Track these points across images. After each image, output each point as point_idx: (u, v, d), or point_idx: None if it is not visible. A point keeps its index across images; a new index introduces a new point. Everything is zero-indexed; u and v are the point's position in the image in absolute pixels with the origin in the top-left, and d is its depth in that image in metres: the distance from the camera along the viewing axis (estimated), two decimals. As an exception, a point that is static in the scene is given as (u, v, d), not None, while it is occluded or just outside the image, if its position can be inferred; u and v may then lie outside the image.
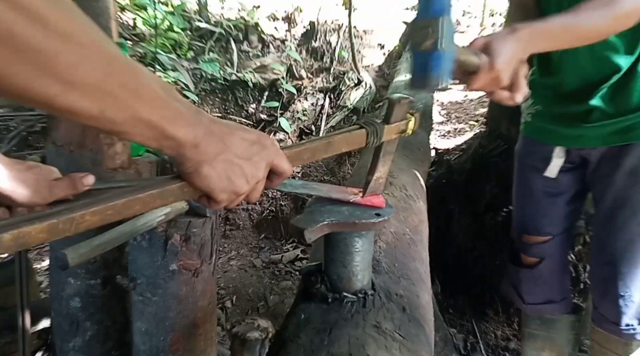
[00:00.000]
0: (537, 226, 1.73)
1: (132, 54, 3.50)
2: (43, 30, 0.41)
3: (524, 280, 1.80)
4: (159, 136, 0.53)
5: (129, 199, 0.56)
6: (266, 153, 0.65)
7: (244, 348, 1.00)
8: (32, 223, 0.49)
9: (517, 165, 1.78)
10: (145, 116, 0.51)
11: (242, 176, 0.62)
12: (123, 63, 0.48)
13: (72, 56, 0.43)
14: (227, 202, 0.64)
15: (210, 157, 0.58)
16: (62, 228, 0.51)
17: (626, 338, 1.59)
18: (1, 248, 0.47)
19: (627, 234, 1.51)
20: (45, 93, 0.44)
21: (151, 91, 0.51)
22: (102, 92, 0.47)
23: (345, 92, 4.07)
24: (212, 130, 0.58)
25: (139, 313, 1.19)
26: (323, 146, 0.78)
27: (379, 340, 0.86)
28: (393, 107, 0.89)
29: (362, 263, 0.98)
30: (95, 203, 0.54)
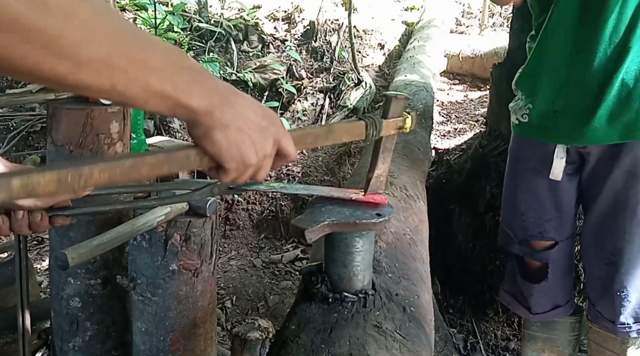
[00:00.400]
0: (541, 231, 1.69)
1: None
2: (45, 12, 0.41)
3: (536, 294, 1.76)
4: (173, 105, 0.53)
5: (136, 161, 0.56)
6: (275, 130, 0.65)
7: (245, 348, 1.00)
8: (42, 172, 0.49)
9: (514, 168, 1.72)
10: (157, 87, 0.51)
11: (251, 146, 0.62)
12: (130, 36, 0.48)
13: (76, 34, 0.43)
14: (236, 173, 0.63)
15: (223, 124, 0.58)
16: (71, 180, 0.51)
17: (621, 336, 1.59)
18: (10, 192, 0.47)
19: (626, 235, 1.51)
20: (54, 72, 0.44)
21: (162, 61, 0.51)
22: (111, 67, 0.47)
23: (345, 92, 4.07)
24: (227, 98, 0.58)
25: (139, 313, 1.19)
26: (324, 133, 0.80)
27: (380, 340, 0.86)
28: (390, 103, 0.91)
29: (362, 263, 0.98)
30: (103, 160, 0.54)
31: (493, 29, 5.92)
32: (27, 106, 3.21)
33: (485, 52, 4.79)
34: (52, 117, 1.27)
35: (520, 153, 1.69)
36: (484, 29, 5.81)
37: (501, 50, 4.34)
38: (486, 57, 4.71)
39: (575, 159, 1.59)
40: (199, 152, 0.60)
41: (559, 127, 1.53)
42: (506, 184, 1.78)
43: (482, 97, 4.57)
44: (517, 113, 1.65)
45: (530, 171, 1.66)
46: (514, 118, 1.66)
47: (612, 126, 1.45)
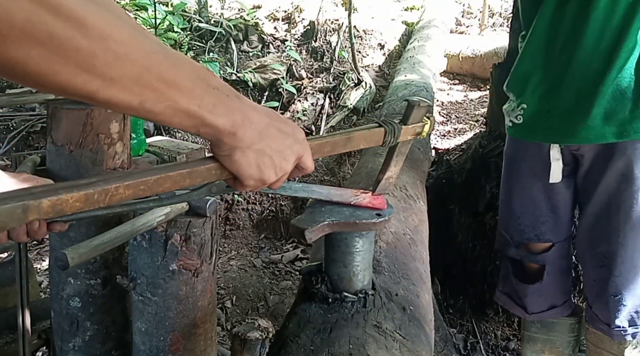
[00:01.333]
0: (537, 233, 1.69)
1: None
2: (81, 32, 0.42)
3: (530, 295, 1.76)
4: (198, 123, 0.55)
5: (160, 176, 0.58)
6: (297, 147, 0.66)
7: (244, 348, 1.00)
8: (70, 191, 0.50)
9: (510, 170, 1.72)
10: (184, 105, 0.52)
11: (272, 167, 0.63)
12: (161, 55, 0.49)
13: (110, 54, 0.45)
14: (253, 188, 0.65)
15: (246, 145, 0.59)
16: (97, 198, 0.52)
17: (617, 338, 1.59)
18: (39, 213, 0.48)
19: (620, 238, 1.51)
20: (86, 89, 0.45)
21: (190, 81, 0.52)
22: (141, 85, 0.48)
23: (345, 92, 4.07)
24: (250, 118, 0.59)
25: (139, 313, 1.19)
26: (343, 141, 0.80)
27: (380, 339, 0.86)
28: (412, 109, 0.91)
29: (362, 263, 0.98)
30: (129, 177, 0.56)
31: (493, 29, 5.92)
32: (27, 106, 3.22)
33: (485, 52, 4.79)
34: (52, 117, 1.27)
35: (515, 156, 1.69)
36: (484, 29, 5.81)
37: (501, 50, 4.34)
38: (486, 57, 4.71)
39: (570, 161, 1.59)
40: (219, 167, 0.62)
41: (552, 127, 1.52)
42: (502, 188, 1.78)
43: (482, 97, 4.57)
44: (510, 115, 1.64)
45: (525, 173, 1.65)
46: (507, 120, 1.66)
47: (606, 125, 1.44)
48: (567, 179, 1.60)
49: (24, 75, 0.42)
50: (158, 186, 0.58)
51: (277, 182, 0.67)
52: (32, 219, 0.48)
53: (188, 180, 0.61)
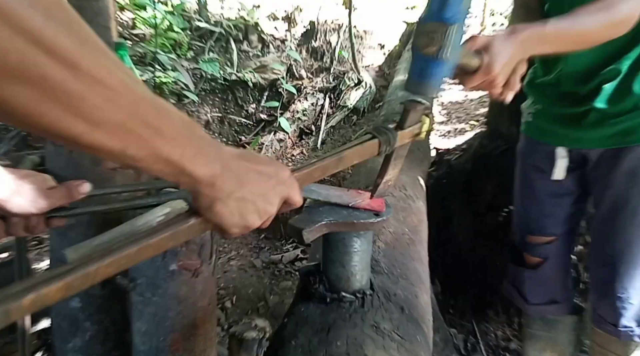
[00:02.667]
0: (540, 226, 1.72)
1: (132, 54, 3.50)
2: (74, 74, 0.42)
3: (527, 281, 1.79)
4: (178, 172, 0.54)
5: (141, 247, 0.58)
6: (281, 188, 0.66)
7: (242, 347, 1.00)
8: (49, 284, 0.50)
9: (520, 165, 1.77)
10: (165, 153, 0.52)
11: (255, 212, 0.63)
12: (148, 102, 0.50)
13: (99, 98, 0.45)
14: (238, 234, 0.65)
15: (225, 194, 0.59)
16: (78, 284, 0.52)
17: (624, 339, 1.58)
18: (20, 312, 0.48)
19: (626, 236, 1.51)
20: (70, 131, 0.45)
21: (173, 129, 0.52)
22: (126, 131, 0.48)
23: (345, 92, 4.07)
24: (230, 167, 0.59)
25: (139, 313, 1.19)
26: (334, 163, 0.77)
27: (377, 340, 0.86)
28: (408, 113, 0.88)
29: (360, 263, 0.98)
30: (108, 255, 0.55)
31: (493, 29, 5.92)
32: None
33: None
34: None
35: (525, 151, 1.73)
36: (484, 28, 5.81)
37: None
38: (486, 57, 4.70)
39: (576, 159, 1.60)
40: (202, 222, 0.61)
41: (558, 132, 1.56)
42: (515, 182, 1.82)
43: (483, 97, 4.57)
44: (525, 112, 1.70)
45: (532, 168, 1.69)
46: (522, 116, 1.71)
47: (612, 131, 1.46)
48: (573, 174, 1.62)
49: (8, 113, 0.41)
50: (140, 256, 0.58)
51: (263, 224, 0.67)
52: (16, 319, 0.48)
53: (171, 243, 0.60)
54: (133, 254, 0.57)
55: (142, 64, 3.61)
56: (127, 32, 4.00)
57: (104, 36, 1.82)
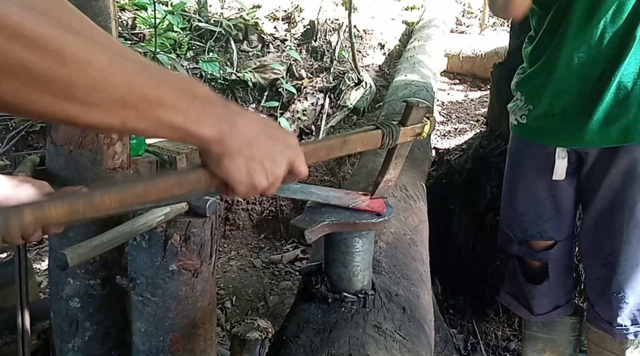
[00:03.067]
0: (539, 230, 1.70)
1: (132, 54, 3.49)
2: (59, 63, 0.41)
3: (538, 296, 1.76)
4: (183, 135, 0.54)
5: (148, 185, 0.57)
6: (289, 153, 0.66)
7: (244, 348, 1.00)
8: (54, 203, 0.50)
9: (513, 168, 1.72)
10: (168, 120, 0.52)
11: (262, 172, 0.63)
12: (143, 76, 0.49)
13: (89, 81, 0.44)
14: (245, 194, 0.65)
15: (234, 151, 0.59)
16: (82, 210, 0.52)
17: (619, 338, 1.59)
18: (22, 224, 0.48)
19: (623, 236, 1.50)
20: (65, 114, 0.45)
21: (174, 96, 0.52)
22: (122, 107, 0.47)
23: (345, 92, 4.07)
24: (238, 126, 0.59)
25: (139, 313, 1.18)
26: (339, 145, 0.78)
27: (379, 340, 0.86)
28: (411, 110, 0.89)
29: (362, 263, 0.98)
30: (115, 187, 0.55)
31: (493, 29, 5.92)
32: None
33: (486, 51, 4.78)
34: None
35: (519, 154, 1.69)
36: (485, 28, 5.81)
37: (502, 50, 4.34)
38: (486, 57, 4.70)
39: (574, 160, 1.59)
40: (209, 174, 0.61)
41: (557, 130, 1.53)
42: (505, 185, 1.78)
43: (483, 97, 4.56)
44: (516, 114, 1.65)
45: (529, 171, 1.66)
46: (512, 119, 1.66)
47: (610, 129, 1.45)
48: (571, 177, 1.61)
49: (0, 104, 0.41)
50: (146, 196, 0.57)
51: (269, 187, 0.66)
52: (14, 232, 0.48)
53: (177, 189, 0.60)
54: (139, 192, 0.56)
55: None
56: (127, 32, 3.99)
57: (103, 35, 1.82)
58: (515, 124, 1.66)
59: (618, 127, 1.44)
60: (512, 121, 1.67)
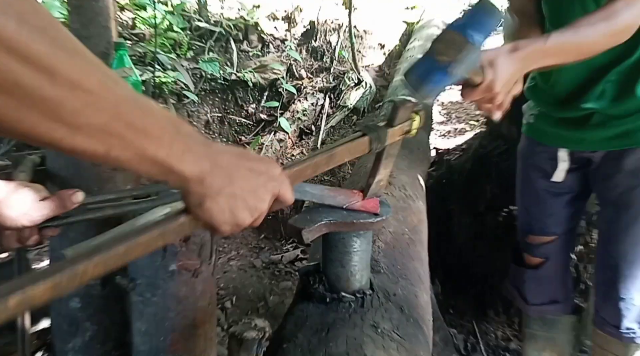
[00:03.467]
0: (542, 226, 1.72)
1: (131, 54, 3.50)
2: (50, 80, 0.41)
3: (528, 281, 1.78)
4: (165, 171, 0.54)
5: (130, 245, 0.57)
6: (272, 185, 0.65)
7: (241, 347, 1.00)
8: (36, 284, 0.49)
9: (521, 165, 1.77)
10: (151, 153, 0.51)
11: (245, 209, 0.62)
12: (131, 103, 0.48)
13: (78, 102, 0.43)
14: (229, 232, 0.64)
15: (215, 191, 0.58)
16: (65, 285, 0.51)
17: (626, 341, 1.58)
18: (7, 313, 0.47)
19: (630, 237, 1.50)
20: (49, 136, 0.44)
21: (159, 129, 0.51)
22: (108, 134, 0.47)
23: (345, 92, 4.07)
24: (219, 163, 0.58)
25: (139, 313, 1.19)
26: (325, 160, 0.77)
27: (377, 339, 0.86)
28: (397, 111, 0.88)
29: (360, 263, 0.98)
30: (97, 254, 0.54)
31: (493, 29, 5.91)
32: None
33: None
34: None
35: (526, 152, 1.73)
36: (484, 28, 5.80)
37: (501, 50, 4.33)
38: (486, 57, 4.70)
39: (579, 160, 1.60)
40: (192, 219, 0.60)
41: (561, 134, 1.56)
42: (517, 183, 1.82)
43: (482, 97, 4.56)
44: (526, 114, 1.70)
45: (533, 168, 1.69)
46: (524, 118, 1.71)
47: (611, 133, 1.46)
48: (574, 174, 1.62)
49: None
50: (129, 256, 0.57)
51: (254, 222, 0.65)
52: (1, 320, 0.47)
53: (161, 241, 0.59)
54: (121, 253, 0.56)
55: (142, 64, 3.61)
56: (127, 32, 4.00)
57: (104, 36, 1.82)
58: (525, 123, 1.71)
59: (619, 132, 1.45)
60: (524, 120, 1.73)
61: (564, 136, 1.56)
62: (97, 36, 1.80)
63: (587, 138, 1.50)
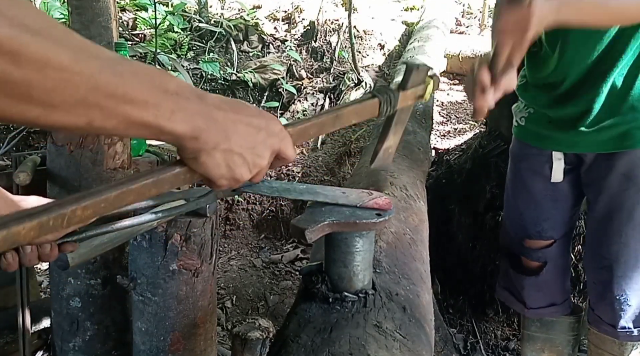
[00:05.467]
0: (539, 230, 1.70)
1: (132, 54, 3.50)
2: (15, 63, 0.40)
3: (527, 287, 1.76)
4: (156, 133, 0.52)
5: (122, 191, 0.54)
6: (272, 141, 0.63)
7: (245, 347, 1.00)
8: (21, 222, 0.47)
9: (513, 168, 1.74)
10: (137, 118, 0.49)
11: (243, 164, 0.60)
12: (109, 72, 0.46)
13: (49, 82, 0.42)
14: (228, 187, 0.62)
15: (211, 146, 0.56)
16: (53, 224, 0.49)
17: (622, 339, 1.59)
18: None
19: (622, 238, 1.51)
20: (24, 116, 0.43)
21: (143, 92, 0.50)
22: (87, 106, 0.45)
23: (345, 92, 4.07)
24: (215, 118, 0.56)
25: (139, 313, 1.19)
26: (331, 120, 0.73)
27: (380, 339, 0.86)
28: (410, 73, 0.84)
29: (362, 262, 0.98)
30: (87, 197, 0.52)
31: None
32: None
33: (485, 52, 4.78)
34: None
35: (519, 155, 1.71)
36: (484, 29, 5.81)
37: (501, 51, 4.33)
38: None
39: (572, 160, 1.60)
40: (187, 170, 0.59)
41: (553, 136, 1.55)
42: (507, 184, 1.80)
43: (482, 97, 4.56)
44: (517, 115, 1.68)
45: (527, 171, 1.67)
46: (514, 120, 1.69)
47: (604, 136, 1.46)
48: (569, 176, 1.62)
49: None
50: (121, 202, 0.55)
51: (254, 177, 0.64)
52: None
53: (154, 190, 0.57)
54: (112, 198, 0.53)
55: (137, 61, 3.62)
56: (127, 32, 4.00)
57: (104, 36, 1.83)
58: (516, 125, 1.68)
59: (612, 135, 1.45)
60: (514, 122, 1.70)
61: (557, 138, 1.55)
62: (98, 36, 1.80)
63: (580, 141, 1.49)
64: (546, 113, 1.55)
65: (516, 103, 1.69)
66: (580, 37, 1.40)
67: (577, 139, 1.50)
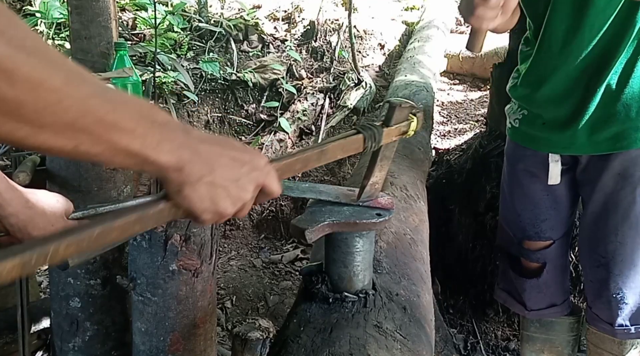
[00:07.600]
0: (537, 231, 1.70)
1: (132, 54, 3.49)
2: (9, 82, 0.40)
3: (528, 290, 1.76)
4: (141, 162, 0.52)
5: (104, 228, 0.54)
6: (256, 175, 0.63)
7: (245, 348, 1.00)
8: (4, 260, 0.47)
9: (509, 169, 1.74)
10: (124, 146, 0.50)
11: (227, 198, 0.60)
12: (99, 98, 0.47)
13: (41, 102, 0.42)
14: (212, 221, 0.62)
15: (194, 179, 0.57)
16: (35, 262, 0.49)
17: (620, 337, 1.59)
18: None
19: (618, 237, 1.51)
20: (12, 135, 0.43)
21: (132, 121, 0.50)
22: (76, 130, 0.46)
23: (345, 92, 4.07)
24: (199, 151, 0.57)
25: (139, 313, 1.19)
26: (316, 155, 0.74)
27: (380, 339, 0.86)
28: (393, 111, 0.87)
29: (363, 263, 0.98)
30: (69, 234, 0.52)
31: (493, 29, 5.91)
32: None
33: (486, 52, 4.78)
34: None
35: (514, 157, 1.70)
36: (484, 29, 5.80)
37: (501, 50, 4.33)
38: (486, 57, 4.70)
39: (568, 161, 1.60)
40: (172, 206, 0.59)
41: (547, 138, 1.55)
42: (502, 185, 1.80)
43: (482, 97, 4.56)
44: (510, 117, 1.67)
45: (524, 174, 1.67)
46: (508, 122, 1.69)
47: (599, 137, 1.46)
48: (566, 177, 1.61)
49: None
50: (104, 239, 0.55)
51: (238, 212, 0.64)
52: None
53: (138, 227, 0.58)
54: (95, 236, 0.53)
55: (142, 64, 3.61)
56: (127, 32, 4.00)
57: (104, 36, 1.82)
58: (510, 127, 1.68)
59: (607, 136, 1.45)
60: (507, 123, 1.69)
61: (552, 140, 1.54)
62: (98, 36, 1.80)
63: (575, 142, 1.49)
64: (540, 114, 1.55)
65: (509, 104, 1.68)
66: (575, 35, 1.40)
67: (572, 140, 1.49)
